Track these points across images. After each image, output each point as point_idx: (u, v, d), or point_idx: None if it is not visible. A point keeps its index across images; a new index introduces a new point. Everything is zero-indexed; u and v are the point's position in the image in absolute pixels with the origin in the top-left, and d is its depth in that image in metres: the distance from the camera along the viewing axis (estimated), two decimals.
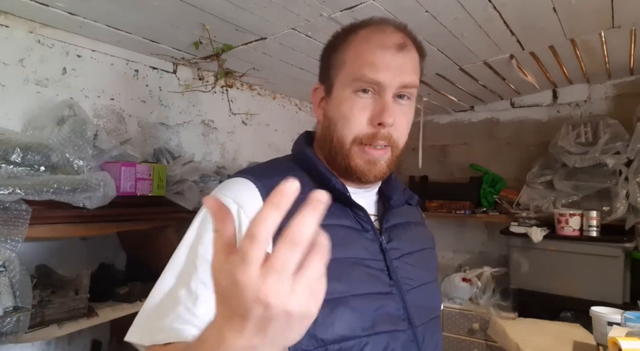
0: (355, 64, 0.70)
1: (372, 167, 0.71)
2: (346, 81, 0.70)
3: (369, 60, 0.69)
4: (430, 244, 0.88)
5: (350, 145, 0.71)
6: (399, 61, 0.70)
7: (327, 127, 0.74)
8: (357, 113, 0.70)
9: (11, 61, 1.30)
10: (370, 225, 0.73)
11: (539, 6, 1.43)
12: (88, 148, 1.30)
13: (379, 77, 0.68)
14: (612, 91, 2.41)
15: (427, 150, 2.85)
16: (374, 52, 0.69)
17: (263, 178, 0.68)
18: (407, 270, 0.74)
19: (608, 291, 1.96)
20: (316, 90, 0.79)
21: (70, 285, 1.27)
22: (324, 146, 0.76)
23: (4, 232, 1.04)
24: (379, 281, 0.69)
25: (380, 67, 0.68)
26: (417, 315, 0.72)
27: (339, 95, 0.72)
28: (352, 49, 0.71)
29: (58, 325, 1.19)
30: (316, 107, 0.78)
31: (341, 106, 0.71)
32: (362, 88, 0.69)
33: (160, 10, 1.28)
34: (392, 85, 0.69)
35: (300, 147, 0.79)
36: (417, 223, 0.86)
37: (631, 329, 1.23)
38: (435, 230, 2.85)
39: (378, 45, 0.69)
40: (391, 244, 0.74)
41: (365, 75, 0.68)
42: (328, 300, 0.57)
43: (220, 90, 1.89)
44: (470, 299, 2.45)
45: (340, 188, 0.71)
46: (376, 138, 0.70)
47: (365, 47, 0.70)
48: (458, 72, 2.06)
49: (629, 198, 2.07)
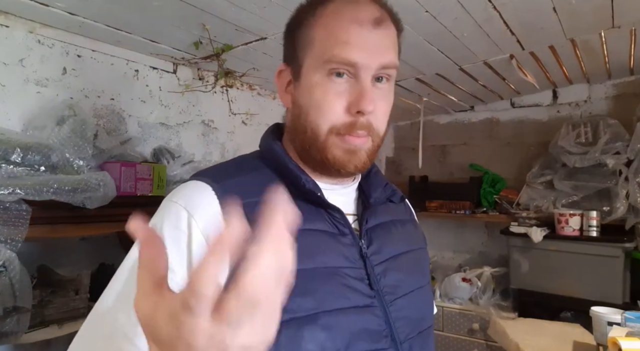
0: (326, 42, 0.60)
1: (352, 157, 0.63)
2: (316, 63, 0.61)
3: (341, 38, 0.59)
4: (420, 244, 0.79)
5: (325, 136, 0.62)
6: (376, 39, 0.61)
7: (297, 116, 0.65)
8: (331, 100, 0.60)
9: (11, 61, 1.30)
10: (348, 227, 0.64)
11: (539, 6, 1.43)
12: (88, 148, 1.30)
13: (355, 57, 0.59)
14: (612, 91, 2.41)
15: (427, 150, 2.85)
16: (347, 29, 0.60)
17: (222, 179, 0.60)
18: (392, 277, 0.65)
19: (608, 291, 1.96)
20: (281, 72, 0.68)
21: (70, 285, 1.27)
22: (294, 137, 0.67)
23: (4, 232, 1.04)
24: (356, 293, 0.60)
25: (355, 47, 0.59)
26: (402, 329, 0.63)
27: (309, 79, 0.62)
28: (321, 25, 0.62)
29: (58, 325, 1.20)
30: (283, 93, 0.68)
31: (313, 92, 0.61)
32: (336, 72, 0.60)
33: (160, 10, 1.28)
34: (371, 66, 0.60)
35: (267, 141, 0.69)
36: (403, 221, 0.77)
37: (631, 329, 1.23)
38: (435, 230, 2.90)
39: (351, 21, 0.60)
40: (372, 248, 0.65)
41: (338, 55, 0.59)
42: (293, 320, 0.53)
43: (220, 90, 1.89)
44: (470, 299, 2.45)
45: (311, 188, 0.62)
46: (354, 128, 0.61)
47: (336, 22, 0.61)
48: (458, 72, 2.06)
49: (629, 198, 2.07)
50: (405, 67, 1.93)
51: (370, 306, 0.60)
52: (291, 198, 0.60)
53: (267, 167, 0.66)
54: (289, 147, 0.69)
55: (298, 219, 0.59)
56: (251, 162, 0.67)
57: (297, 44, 0.64)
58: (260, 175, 0.63)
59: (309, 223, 0.61)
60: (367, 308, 0.60)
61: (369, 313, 0.60)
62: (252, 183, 0.61)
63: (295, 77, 0.65)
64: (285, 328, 0.52)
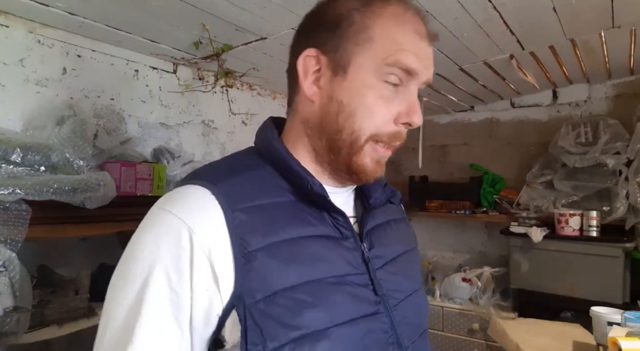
0: (389, 45, 0.57)
1: (379, 168, 0.62)
2: (374, 64, 0.57)
3: (406, 43, 0.57)
4: (413, 243, 0.76)
5: (365, 141, 0.59)
6: (430, 54, 0.61)
7: (334, 113, 0.59)
8: (383, 106, 0.58)
9: (11, 61, 1.30)
10: (351, 231, 0.61)
11: (539, 6, 1.43)
12: (88, 148, 1.30)
13: (416, 66, 0.58)
14: (612, 91, 2.41)
15: (427, 150, 2.85)
16: (411, 36, 0.58)
17: (222, 181, 0.55)
18: (392, 281, 0.63)
19: (608, 291, 1.96)
20: (309, 58, 0.61)
21: (70, 285, 1.27)
22: (319, 135, 0.61)
23: (4, 232, 1.04)
24: (364, 301, 0.58)
25: (418, 57, 0.58)
26: (406, 333, 0.61)
27: (362, 79, 0.58)
28: (382, 26, 0.58)
29: (58, 325, 1.20)
30: (307, 82, 0.61)
31: (365, 94, 0.58)
32: (393, 78, 0.58)
33: (160, 10, 1.28)
34: (422, 77, 0.59)
35: (266, 139, 0.64)
36: (397, 221, 0.75)
37: (631, 329, 1.23)
38: (435, 230, 2.90)
39: (415, 31, 0.59)
40: (373, 251, 0.63)
41: (403, 60, 0.57)
42: (306, 336, 0.51)
43: (220, 90, 1.89)
44: (470, 299, 2.45)
45: (318, 191, 0.58)
46: (396, 139, 0.60)
47: (400, 29, 0.58)
48: (458, 72, 2.06)
49: (629, 198, 2.07)
50: None
51: (377, 313, 0.59)
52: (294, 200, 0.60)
53: (266, 163, 0.61)
54: (291, 144, 0.64)
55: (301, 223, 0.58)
56: (247, 159, 0.63)
57: (348, 38, 0.59)
58: (259, 175, 0.60)
59: (312, 229, 0.58)
60: (375, 316, 0.58)
61: (377, 320, 0.58)
62: (252, 183, 0.58)
63: (337, 71, 0.59)
64: (299, 346, 0.50)
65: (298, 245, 0.56)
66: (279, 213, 0.57)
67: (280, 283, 0.52)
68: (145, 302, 0.49)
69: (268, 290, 0.51)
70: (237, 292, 0.50)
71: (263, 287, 0.51)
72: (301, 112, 0.63)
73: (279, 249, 0.54)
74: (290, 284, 0.52)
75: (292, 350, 0.50)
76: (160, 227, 0.53)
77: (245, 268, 0.51)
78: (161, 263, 0.51)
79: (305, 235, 0.57)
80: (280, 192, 0.59)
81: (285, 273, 0.53)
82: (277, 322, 0.50)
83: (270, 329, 0.50)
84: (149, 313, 0.49)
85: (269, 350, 0.49)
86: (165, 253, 0.51)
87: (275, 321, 0.50)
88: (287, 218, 0.57)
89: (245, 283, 0.51)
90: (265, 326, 0.50)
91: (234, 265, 0.51)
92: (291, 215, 0.58)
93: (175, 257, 0.51)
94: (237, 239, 0.52)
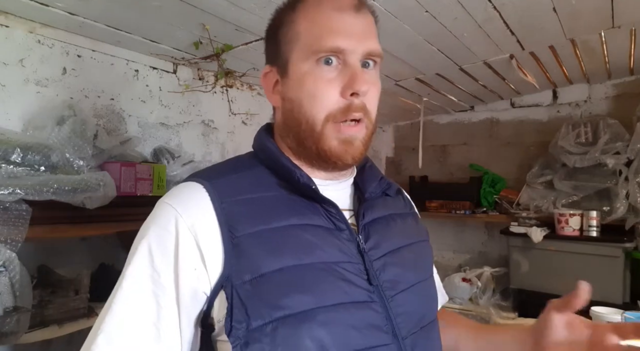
0: (312, 33, 0.61)
1: (349, 147, 0.62)
2: (304, 54, 0.61)
3: (325, 26, 0.60)
4: (422, 236, 0.77)
5: (322, 125, 0.61)
6: (359, 24, 0.62)
7: (289, 110, 0.64)
8: (324, 87, 0.61)
9: (11, 61, 1.30)
10: (344, 222, 0.63)
11: (539, 6, 1.43)
12: (88, 148, 1.30)
13: (341, 43, 0.60)
14: (612, 91, 2.41)
15: (427, 150, 2.85)
16: (329, 16, 0.61)
17: (214, 178, 0.61)
18: (392, 272, 0.64)
19: (608, 291, 1.96)
20: (267, 74, 0.68)
21: (70, 285, 1.27)
22: (287, 133, 0.66)
23: (4, 232, 1.04)
24: (355, 288, 0.59)
25: (340, 33, 0.60)
26: (404, 324, 0.62)
27: (299, 71, 0.62)
28: (304, 18, 0.62)
29: (58, 325, 1.20)
30: (270, 94, 0.68)
31: (304, 83, 0.61)
32: (325, 59, 0.60)
33: (160, 10, 1.28)
34: (357, 51, 0.61)
35: (260, 140, 0.69)
36: (403, 215, 0.76)
37: None
38: (435, 230, 2.90)
39: (333, 8, 0.61)
40: (370, 243, 0.64)
41: (325, 44, 0.60)
42: (290, 316, 0.53)
43: (220, 90, 1.89)
44: (470, 299, 2.45)
45: (305, 182, 0.62)
46: (350, 111, 0.61)
47: (318, 12, 0.62)
48: (458, 72, 2.06)
49: (629, 198, 2.07)
50: (405, 67, 1.93)
51: (369, 302, 0.59)
52: (287, 194, 0.62)
53: (261, 164, 0.66)
54: (281, 145, 0.68)
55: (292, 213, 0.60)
56: (245, 161, 0.68)
57: (281, 42, 0.65)
58: (253, 173, 0.64)
59: (306, 219, 0.61)
60: (367, 304, 0.59)
61: (369, 308, 0.59)
62: (246, 180, 0.62)
63: (283, 74, 0.65)
64: (282, 325, 0.52)
65: (288, 232, 0.59)
66: (270, 205, 0.61)
67: (269, 266, 0.55)
68: (126, 277, 0.55)
69: (256, 272, 0.54)
70: (225, 273, 0.54)
71: (251, 269, 0.54)
72: (275, 119, 0.71)
73: (268, 235, 0.57)
74: (278, 267, 0.55)
75: (274, 328, 0.52)
76: (154, 214, 0.60)
77: (234, 252, 0.55)
78: (146, 243, 0.56)
79: (296, 224, 0.60)
80: (274, 187, 0.63)
81: (273, 256, 0.56)
82: (262, 302, 0.53)
83: (255, 308, 0.53)
84: (128, 285, 0.55)
85: (252, 327, 0.52)
86: (152, 235, 0.57)
87: (261, 301, 0.53)
88: (279, 209, 0.60)
89: (234, 266, 0.54)
90: (250, 305, 0.53)
91: (222, 248, 0.55)
92: (283, 207, 0.61)
93: (161, 237, 0.56)
94: (225, 226, 0.56)
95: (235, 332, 0.52)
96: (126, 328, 0.53)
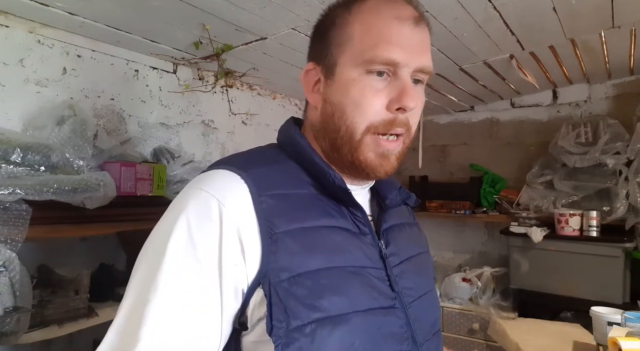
0: (366, 39, 0.59)
1: (384, 162, 0.61)
2: (355, 60, 0.59)
3: (383, 34, 0.58)
4: (425, 247, 0.79)
5: (362, 135, 0.60)
6: (416, 37, 0.60)
7: (329, 114, 0.62)
8: (371, 97, 0.59)
9: (11, 61, 1.30)
10: (369, 227, 0.63)
11: (539, 6, 1.43)
12: (88, 148, 1.30)
13: (396, 56, 0.57)
14: (612, 91, 2.41)
15: (427, 150, 2.86)
16: (388, 25, 0.58)
17: (249, 168, 0.58)
18: (409, 279, 0.65)
19: (608, 291, 1.96)
20: (309, 72, 0.66)
21: (70, 285, 1.27)
22: (323, 136, 0.64)
23: (4, 232, 1.04)
24: (381, 294, 0.59)
25: (396, 45, 0.58)
26: (421, 331, 0.62)
27: (346, 76, 0.60)
28: (360, 22, 0.60)
29: (58, 325, 1.20)
30: (310, 92, 0.66)
31: (350, 90, 0.59)
32: (377, 71, 0.58)
33: (160, 10, 1.28)
34: (411, 65, 0.59)
35: (289, 135, 0.67)
36: (410, 224, 0.77)
37: (631, 329, 1.22)
38: (435, 230, 2.90)
39: (392, 17, 0.59)
40: (390, 249, 0.64)
41: (380, 55, 0.57)
42: (327, 318, 0.53)
43: (220, 90, 1.89)
44: (470, 299, 2.45)
45: (340, 184, 0.60)
46: (394, 125, 0.59)
47: (376, 19, 0.59)
48: (458, 72, 2.06)
49: (629, 198, 2.07)
50: None
51: (393, 308, 0.60)
52: (316, 194, 0.61)
53: (290, 159, 0.64)
54: (313, 144, 0.67)
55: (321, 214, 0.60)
56: (272, 154, 0.66)
57: (332, 42, 0.62)
58: (284, 168, 0.63)
59: (334, 220, 0.60)
60: (391, 310, 0.59)
61: (393, 314, 0.59)
62: (277, 174, 0.61)
63: (328, 75, 0.63)
64: (320, 326, 0.52)
65: (320, 233, 0.58)
66: (302, 203, 0.59)
67: (304, 266, 0.54)
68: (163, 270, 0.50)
69: (292, 271, 0.53)
70: (262, 270, 0.53)
71: (288, 268, 0.53)
72: (309, 118, 0.68)
73: (303, 235, 0.56)
74: (313, 268, 0.55)
75: (313, 329, 0.52)
76: (190, 201, 0.54)
77: (272, 248, 0.53)
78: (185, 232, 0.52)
79: (327, 225, 0.59)
80: (303, 185, 0.62)
81: (308, 257, 0.55)
82: (300, 302, 0.52)
83: (294, 308, 0.52)
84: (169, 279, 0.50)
85: (292, 327, 0.51)
86: (194, 222, 0.52)
87: (298, 301, 0.52)
88: (310, 208, 0.59)
89: (271, 263, 0.53)
90: (289, 304, 0.52)
91: (260, 244, 0.53)
92: (313, 206, 0.60)
93: (206, 227, 0.52)
94: (264, 221, 0.54)
95: (277, 331, 0.51)
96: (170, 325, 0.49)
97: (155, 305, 0.49)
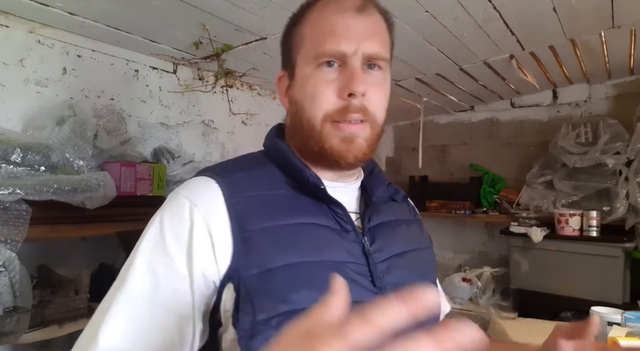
0: (314, 36, 0.62)
1: (350, 146, 0.62)
2: (307, 57, 0.63)
3: (327, 28, 0.61)
4: (426, 243, 0.79)
5: (321, 124, 0.62)
6: (360, 26, 0.62)
7: (294, 113, 0.66)
8: (323, 88, 0.61)
9: (11, 61, 1.30)
10: (351, 224, 0.64)
11: (539, 6, 1.43)
12: (88, 148, 1.30)
13: (340, 46, 0.60)
14: (612, 91, 2.41)
15: (427, 150, 2.85)
16: (330, 19, 0.62)
17: (226, 174, 0.62)
18: (396, 275, 0.65)
19: (608, 291, 1.96)
20: (280, 79, 0.70)
21: (70, 285, 1.27)
22: (294, 135, 0.68)
23: (4, 232, 1.04)
24: (359, 288, 0.59)
25: (340, 35, 0.60)
26: None
27: (302, 74, 0.64)
28: (309, 22, 0.64)
29: (58, 325, 1.20)
30: (282, 97, 0.70)
31: (306, 85, 0.63)
32: (326, 62, 0.61)
33: (160, 10, 1.28)
34: (357, 53, 0.61)
35: (271, 139, 0.71)
36: (408, 221, 0.77)
37: (631, 329, 1.22)
38: (435, 230, 2.89)
39: (334, 11, 0.62)
40: (376, 245, 0.65)
41: (326, 47, 0.60)
42: (296, 311, 0.53)
43: (220, 90, 1.89)
44: (470, 299, 2.45)
45: (314, 182, 0.63)
46: (348, 111, 0.61)
47: (321, 16, 0.63)
48: (458, 72, 2.06)
49: (629, 198, 2.07)
50: (405, 67, 1.93)
51: None
52: (295, 193, 0.62)
53: (272, 163, 0.67)
54: (291, 146, 0.70)
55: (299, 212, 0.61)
56: (256, 159, 0.69)
57: (291, 47, 0.67)
58: (264, 171, 0.66)
59: (313, 218, 0.62)
60: None
61: None
62: (256, 177, 0.63)
63: (291, 78, 0.67)
64: (286, 319, 0.52)
65: (297, 229, 0.60)
66: (280, 203, 0.62)
67: (277, 261, 0.56)
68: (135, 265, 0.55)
69: (264, 266, 0.55)
70: (234, 265, 0.55)
71: (259, 263, 0.55)
72: (286, 121, 0.73)
73: (277, 231, 0.58)
74: (286, 262, 0.56)
75: (279, 322, 0.53)
76: (167, 204, 0.61)
77: (244, 246, 0.56)
78: (158, 230, 0.57)
79: (304, 222, 0.61)
80: (283, 186, 0.64)
81: (282, 252, 0.57)
82: (269, 296, 0.54)
83: (261, 302, 0.54)
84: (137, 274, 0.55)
85: (257, 320, 0.53)
86: (166, 223, 0.58)
87: (268, 294, 0.54)
88: (288, 207, 0.61)
89: (242, 259, 0.55)
90: (256, 298, 0.54)
91: (232, 241, 0.56)
92: (291, 205, 0.62)
93: (176, 225, 0.57)
94: (235, 220, 0.57)
95: (242, 324, 0.53)
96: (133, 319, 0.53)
97: (120, 300, 0.53)
